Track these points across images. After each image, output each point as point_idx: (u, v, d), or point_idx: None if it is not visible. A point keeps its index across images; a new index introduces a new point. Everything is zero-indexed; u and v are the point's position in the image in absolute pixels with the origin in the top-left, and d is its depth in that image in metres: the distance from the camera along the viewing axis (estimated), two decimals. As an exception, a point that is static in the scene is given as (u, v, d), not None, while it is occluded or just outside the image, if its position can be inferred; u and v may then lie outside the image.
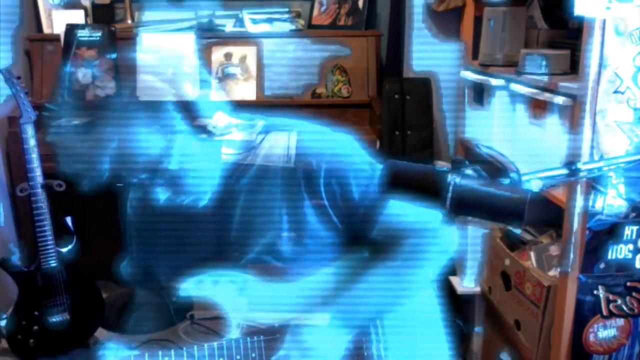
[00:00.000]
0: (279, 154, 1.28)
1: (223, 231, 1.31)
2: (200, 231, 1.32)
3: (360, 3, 3.24)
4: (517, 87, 2.05)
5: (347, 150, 1.31)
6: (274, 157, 1.28)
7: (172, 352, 1.22)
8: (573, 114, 1.69)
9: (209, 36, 3.07)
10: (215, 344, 1.24)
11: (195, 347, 1.24)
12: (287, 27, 3.16)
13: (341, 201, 1.27)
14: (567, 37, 2.13)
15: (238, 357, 1.25)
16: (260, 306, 1.28)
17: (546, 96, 1.85)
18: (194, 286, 1.27)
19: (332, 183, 1.26)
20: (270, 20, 3.16)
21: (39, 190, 2.43)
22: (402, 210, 1.24)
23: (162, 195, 1.22)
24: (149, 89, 1.16)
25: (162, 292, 1.39)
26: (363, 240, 1.31)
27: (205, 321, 1.29)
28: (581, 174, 0.99)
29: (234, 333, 1.26)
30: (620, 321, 1.78)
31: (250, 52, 3.06)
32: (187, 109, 1.19)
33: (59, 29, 3.01)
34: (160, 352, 1.22)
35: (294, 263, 1.29)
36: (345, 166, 1.28)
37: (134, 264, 1.48)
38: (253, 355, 1.26)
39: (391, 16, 3.02)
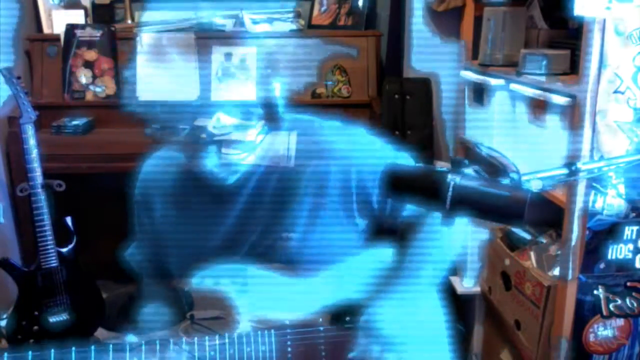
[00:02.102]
0: (280, 153, 1.28)
1: (228, 229, 1.31)
2: (210, 222, 1.34)
3: (360, 3, 3.24)
4: (517, 87, 2.04)
5: (361, 146, 1.32)
6: (275, 157, 1.28)
7: (184, 339, 1.22)
8: (573, 114, 1.69)
9: (209, 36, 3.07)
10: (226, 335, 1.24)
11: (207, 337, 1.24)
12: (287, 27, 3.16)
13: (358, 199, 1.30)
14: (567, 37, 2.13)
15: (248, 349, 1.25)
16: (268, 304, 1.29)
17: (546, 96, 1.85)
18: (205, 280, 1.27)
19: (350, 181, 1.27)
20: (270, 20, 3.16)
21: (39, 190, 2.43)
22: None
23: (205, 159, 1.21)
24: (149, 89, 1.16)
25: (169, 284, 1.39)
26: (376, 236, 1.33)
27: (205, 321, 1.29)
28: (581, 174, 0.99)
29: (244, 328, 1.27)
30: (620, 321, 1.78)
31: (250, 52, 3.05)
32: (187, 109, 1.19)
33: (59, 29, 3.01)
34: (171, 341, 1.21)
35: (303, 262, 1.29)
36: (358, 163, 1.31)
37: (143, 247, 1.47)
38: (263, 348, 1.26)
39: (391, 16, 3.02)
